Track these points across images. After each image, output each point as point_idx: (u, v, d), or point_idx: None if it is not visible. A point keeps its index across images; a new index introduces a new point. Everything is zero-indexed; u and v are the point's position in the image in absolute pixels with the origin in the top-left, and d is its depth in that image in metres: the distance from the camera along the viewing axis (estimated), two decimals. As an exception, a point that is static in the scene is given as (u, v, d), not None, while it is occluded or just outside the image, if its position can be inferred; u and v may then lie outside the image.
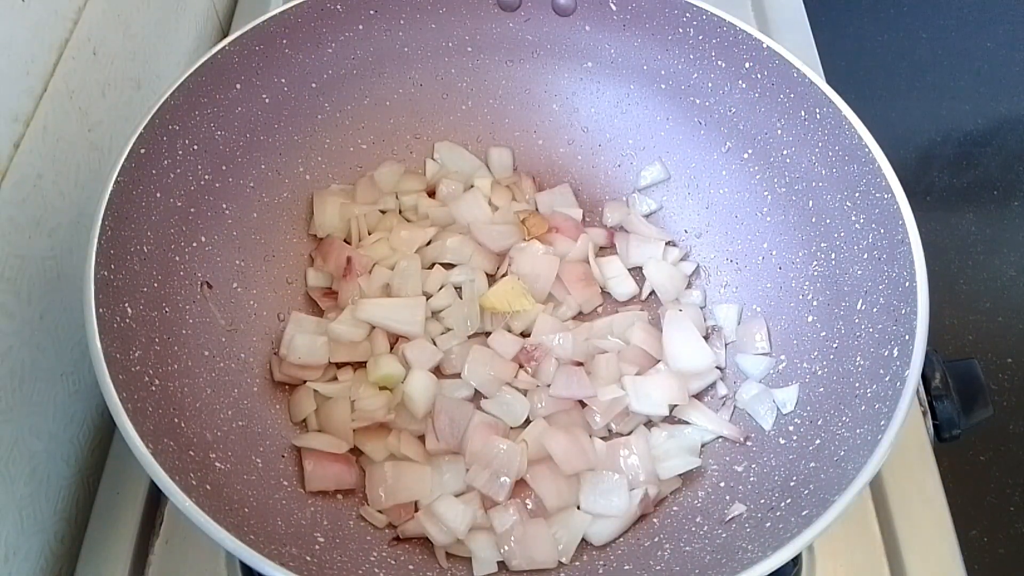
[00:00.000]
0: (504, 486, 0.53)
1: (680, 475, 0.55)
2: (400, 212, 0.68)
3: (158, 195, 0.54)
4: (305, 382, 0.58)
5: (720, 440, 0.57)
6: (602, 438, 0.57)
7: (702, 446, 0.57)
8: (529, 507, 0.54)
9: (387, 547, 0.52)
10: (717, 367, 0.60)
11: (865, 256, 0.52)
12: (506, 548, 0.51)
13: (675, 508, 0.54)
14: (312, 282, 0.63)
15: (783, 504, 0.47)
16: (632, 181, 0.68)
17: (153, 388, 0.48)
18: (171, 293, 0.54)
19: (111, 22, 0.63)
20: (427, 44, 0.66)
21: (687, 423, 0.58)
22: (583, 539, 0.53)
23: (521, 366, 0.59)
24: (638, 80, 0.65)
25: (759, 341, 0.59)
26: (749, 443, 0.55)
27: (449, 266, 0.64)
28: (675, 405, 0.58)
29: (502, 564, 0.52)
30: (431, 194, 0.69)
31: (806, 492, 0.46)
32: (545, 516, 0.53)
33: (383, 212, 0.67)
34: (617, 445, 0.56)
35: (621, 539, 0.53)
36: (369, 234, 0.66)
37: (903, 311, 0.48)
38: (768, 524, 0.46)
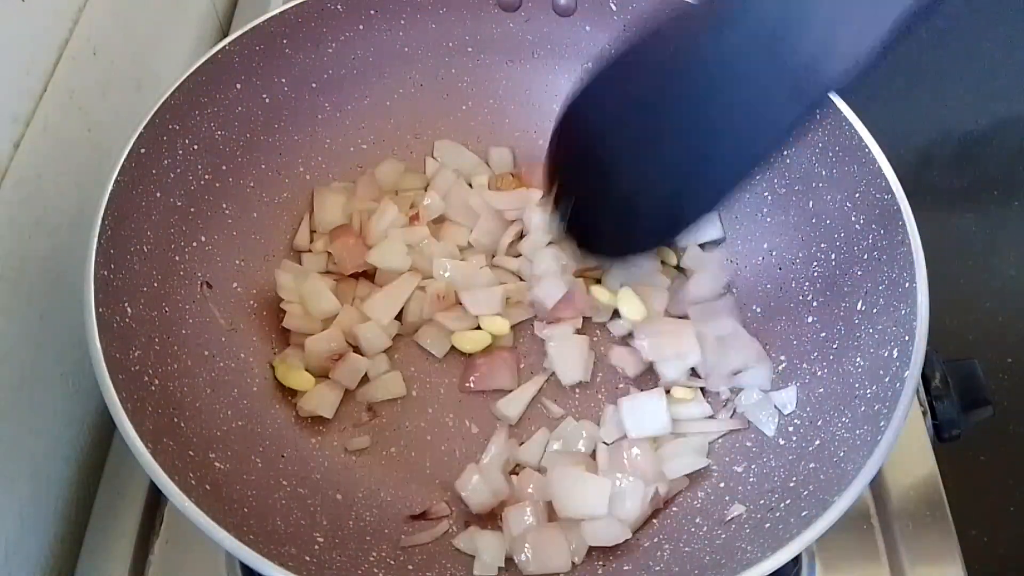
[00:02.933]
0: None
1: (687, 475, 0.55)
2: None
3: (158, 195, 0.54)
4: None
5: (720, 441, 0.57)
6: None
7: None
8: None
9: (387, 547, 0.52)
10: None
11: (865, 257, 0.52)
12: (521, 556, 0.51)
13: (675, 509, 0.54)
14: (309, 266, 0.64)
15: (783, 505, 0.47)
16: (632, 181, 0.68)
17: (153, 388, 0.48)
18: (171, 293, 0.54)
19: (111, 22, 0.63)
20: (427, 44, 0.66)
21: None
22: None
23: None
24: (638, 80, 0.65)
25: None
26: (749, 443, 0.55)
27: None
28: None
29: (502, 570, 0.52)
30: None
31: (806, 493, 0.46)
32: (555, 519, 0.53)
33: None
34: (623, 447, 0.55)
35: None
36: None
37: (903, 312, 0.48)
38: (768, 525, 0.46)
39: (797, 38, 0.40)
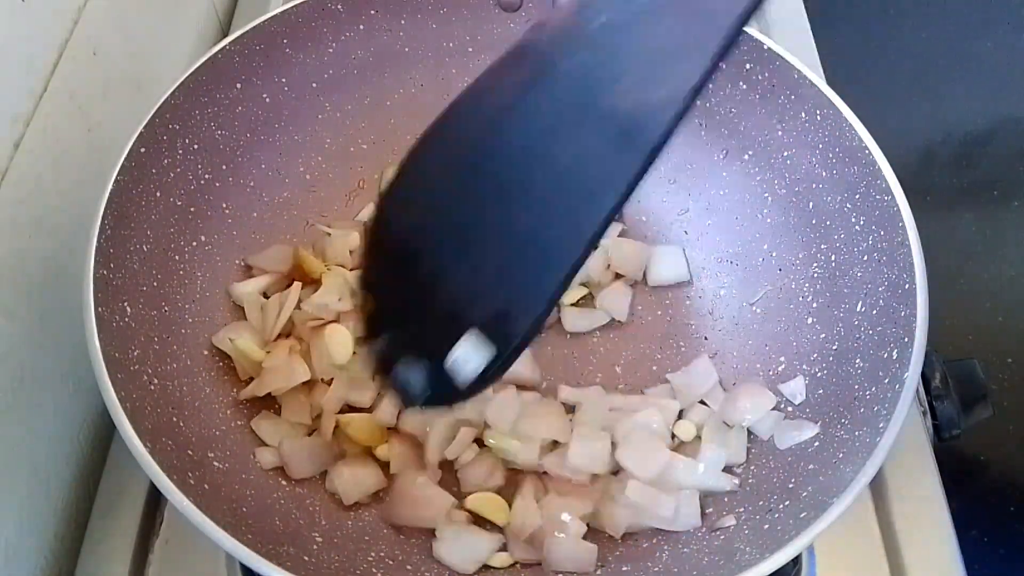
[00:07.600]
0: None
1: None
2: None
3: (158, 194, 0.54)
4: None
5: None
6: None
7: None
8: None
9: (385, 547, 0.52)
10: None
11: (865, 258, 0.52)
12: None
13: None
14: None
15: (781, 506, 0.47)
16: (632, 181, 0.68)
17: (152, 387, 0.49)
18: (170, 292, 0.54)
19: (111, 22, 0.63)
20: (428, 44, 0.66)
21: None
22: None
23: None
24: (638, 81, 0.65)
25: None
26: (748, 444, 0.55)
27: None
28: None
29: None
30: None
31: (804, 494, 0.46)
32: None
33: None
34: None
35: (619, 540, 0.53)
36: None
37: (902, 313, 0.48)
38: (766, 526, 0.46)
39: (613, 87, 0.36)
